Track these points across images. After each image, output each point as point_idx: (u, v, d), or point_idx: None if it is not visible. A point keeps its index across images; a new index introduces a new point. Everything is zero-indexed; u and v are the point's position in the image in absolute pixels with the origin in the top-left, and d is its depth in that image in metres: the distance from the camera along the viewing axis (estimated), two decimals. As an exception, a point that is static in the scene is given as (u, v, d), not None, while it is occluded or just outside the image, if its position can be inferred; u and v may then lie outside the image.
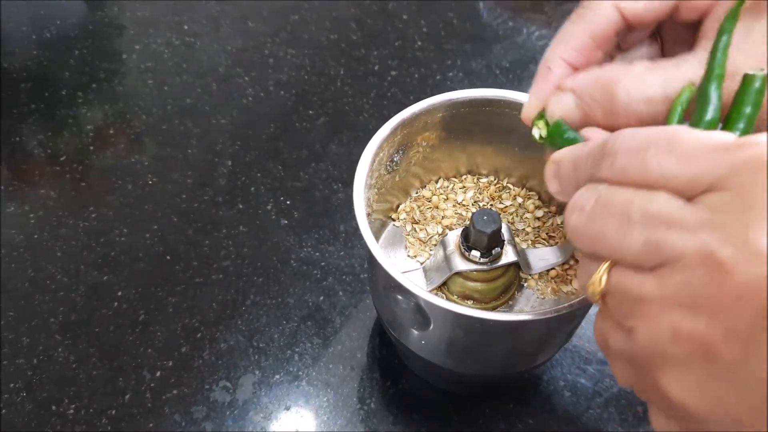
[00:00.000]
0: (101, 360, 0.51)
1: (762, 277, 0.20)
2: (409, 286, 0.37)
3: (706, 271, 0.21)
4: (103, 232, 0.58)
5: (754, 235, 0.20)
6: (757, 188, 0.21)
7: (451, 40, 0.74)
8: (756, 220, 0.21)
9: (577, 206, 0.26)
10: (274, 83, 0.69)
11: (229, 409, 0.49)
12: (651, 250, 0.23)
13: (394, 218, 0.50)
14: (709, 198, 0.22)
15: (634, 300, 0.24)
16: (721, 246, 0.21)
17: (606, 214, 0.24)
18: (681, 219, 0.22)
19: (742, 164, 0.22)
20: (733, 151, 0.22)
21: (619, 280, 0.24)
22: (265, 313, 0.54)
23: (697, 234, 0.22)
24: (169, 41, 0.73)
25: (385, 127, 0.43)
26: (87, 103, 0.67)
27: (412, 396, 0.51)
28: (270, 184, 0.61)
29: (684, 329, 0.22)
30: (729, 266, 0.21)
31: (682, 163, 0.23)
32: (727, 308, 0.21)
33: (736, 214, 0.21)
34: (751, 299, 0.20)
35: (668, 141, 0.23)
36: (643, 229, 0.23)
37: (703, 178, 0.22)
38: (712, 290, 0.21)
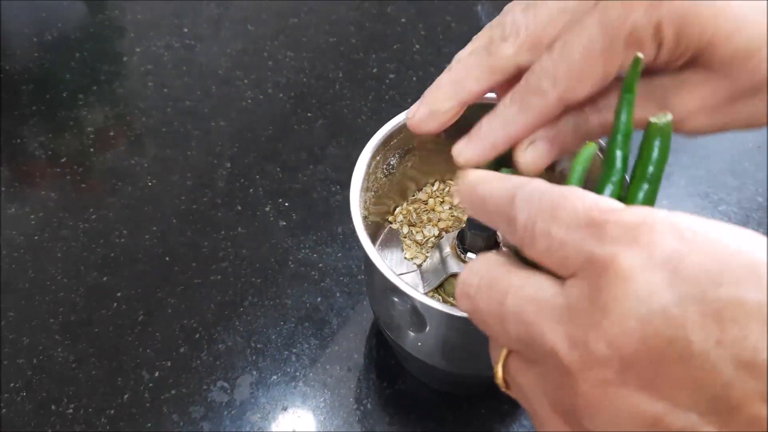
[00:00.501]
0: (100, 360, 0.52)
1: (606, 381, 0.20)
2: (405, 289, 0.37)
3: (561, 376, 0.21)
4: (103, 233, 0.59)
5: (593, 340, 0.20)
6: (600, 288, 0.20)
7: (450, 43, 0.74)
8: (596, 324, 0.20)
9: (462, 292, 0.25)
10: (273, 86, 0.70)
11: (227, 409, 0.50)
12: (525, 345, 0.23)
13: (390, 221, 0.51)
14: (569, 285, 0.21)
15: (526, 397, 0.24)
16: (568, 350, 0.21)
17: (486, 303, 0.24)
18: (547, 311, 0.22)
19: (594, 258, 0.21)
20: (592, 237, 0.21)
21: (513, 372, 0.24)
22: (262, 314, 0.54)
23: (555, 330, 0.21)
24: (169, 44, 0.74)
25: (382, 131, 0.44)
26: (88, 105, 0.68)
27: (409, 397, 0.51)
28: (269, 186, 0.62)
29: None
30: (575, 372, 0.20)
31: (558, 240, 0.22)
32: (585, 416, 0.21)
33: (583, 313, 0.20)
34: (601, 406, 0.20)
35: (552, 210, 0.22)
36: (516, 322, 0.23)
37: (572, 261, 0.22)
38: (570, 397, 0.21)
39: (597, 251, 0.21)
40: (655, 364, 0.19)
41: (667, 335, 0.19)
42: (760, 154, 0.64)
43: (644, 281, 0.19)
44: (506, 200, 0.25)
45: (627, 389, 0.19)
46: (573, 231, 0.22)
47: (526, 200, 0.24)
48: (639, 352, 0.19)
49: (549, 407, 0.23)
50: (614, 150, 0.27)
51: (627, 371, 0.19)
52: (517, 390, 0.25)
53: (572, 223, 0.22)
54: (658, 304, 0.19)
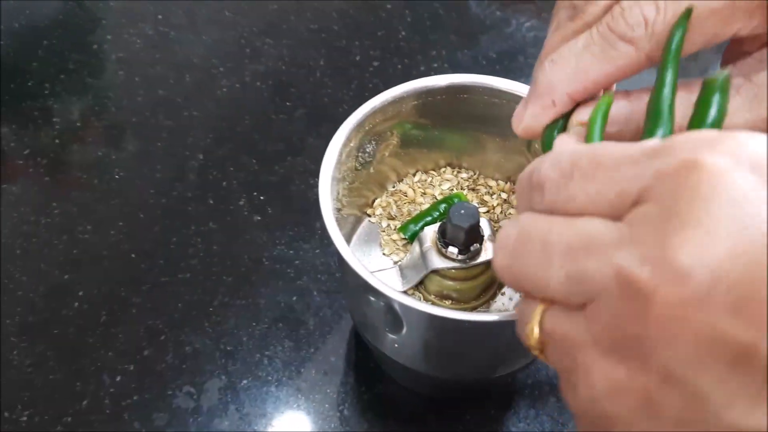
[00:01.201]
0: (59, 363, 0.48)
1: (685, 300, 0.17)
2: (379, 286, 0.34)
3: (627, 302, 0.18)
4: (66, 229, 0.55)
5: (671, 249, 0.17)
6: (678, 195, 0.18)
7: (437, 30, 0.71)
8: (674, 232, 0.17)
9: (501, 244, 0.23)
10: (251, 74, 0.66)
11: (193, 416, 0.46)
12: (574, 284, 0.20)
13: (369, 214, 0.48)
14: (632, 213, 0.19)
15: (569, 349, 0.21)
16: (637, 267, 0.18)
17: (526, 249, 0.21)
18: (602, 242, 0.19)
19: (663, 170, 0.18)
20: (656, 157, 0.19)
21: (552, 326, 0.21)
22: (233, 315, 0.51)
23: (615, 256, 0.18)
24: (142, 31, 0.70)
25: (354, 116, 0.41)
26: (55, 95, 0.64)
27: (389, 401, 0.48)
28: (243, 179, 0.58)
29: (618, 381, 0.19)
30: (648, 292, 0.17)
31: (607, 181, 0.20)
32: (656, 347, 0.17)
33: (655, 227, 0.18)
34: (683, 331, 0.17)
35: (591, 161, 0.20)
36: (564, 259, 0.20)
37: (628, 192, 0.19)
38: (636, 326, 0.18)
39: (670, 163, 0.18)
40: (751, 281, 0.16)
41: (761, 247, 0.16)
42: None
43: (736, 181, 0.17)
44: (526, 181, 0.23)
45: (714, 310, 0.16)
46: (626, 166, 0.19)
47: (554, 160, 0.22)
48: (733, 265, 0.16)
49: (599, 351, 0.19)
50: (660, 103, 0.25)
51: (716, 287, 0.16)
52: (557, 345, 0.21)
53: (624, 159, 0.20)
54: (755, 208, 0.16)
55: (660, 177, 0.18)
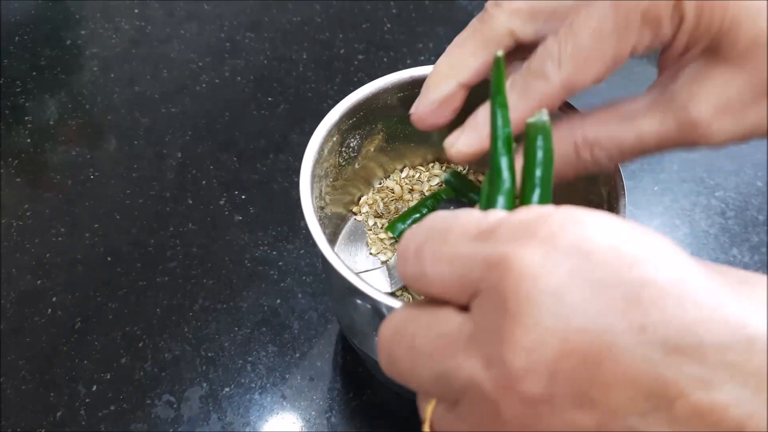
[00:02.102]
0: (31, 373, 0.46)
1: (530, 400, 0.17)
2: (365, 289, 0.32)
3: (482, 405, 0.18)
4: (38, 231, 0.53)
5: (507, 352, 0.17)
6: (504, 293, 0.18)
7: (423, 22, 0.69)
8: (506, 333, 0.17)
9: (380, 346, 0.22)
10: (231, 69, 0.64)
11: (173, 426, 0.44)
12: (442, 384, 0.20)
13: (355, 212, 0.46)
14: (475, 306, 0.19)
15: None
16: (482, 373, 0.18)
17: (399, 352, 0.21)
18: (457, 340, 0.19)
19: (489, 262, 0.18)
20: (486, 241, 0.19)
21: (438, 423, 0.21)
22: (214, 319, 0.49)
23: (468, 357, 0.19)
24: (118, 26, 0.68)
25: (336, 110, 0.39)
26: (27, 93, 0.62)
27: (378, 408, 0.46)
28: (223, 178, 0.56)
29: None
30: (495, 396, 0.18)
31: (450, 262, 0.20)
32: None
33: (491, 325, 0.18)
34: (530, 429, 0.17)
35: (440, 238, 0.20)
36: (429, 360, 0.20)
37: (469, 279, 0.19)
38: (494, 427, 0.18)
39: (492, 254, 0.18)
40: (581, 367, 0.17)
41: (588, 331, 0.17)
42: (758, 135, 0.59)
43: (551, 274, 0.17)
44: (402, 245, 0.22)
45: (556, 404, 0.17)
46: (464, 245, 0.19)
47: (414, 234, 0.21)
48: (562, 357, 0.17)
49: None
50: (497, 159, 0.25)
51: (553, 382, 0.17)
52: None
53: (462, 237, 0.20)
54: (571, 297, 0.17)
55: (488, 269, 0.18)
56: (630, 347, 0.16)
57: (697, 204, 0.55)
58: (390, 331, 0.22)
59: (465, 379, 0.19)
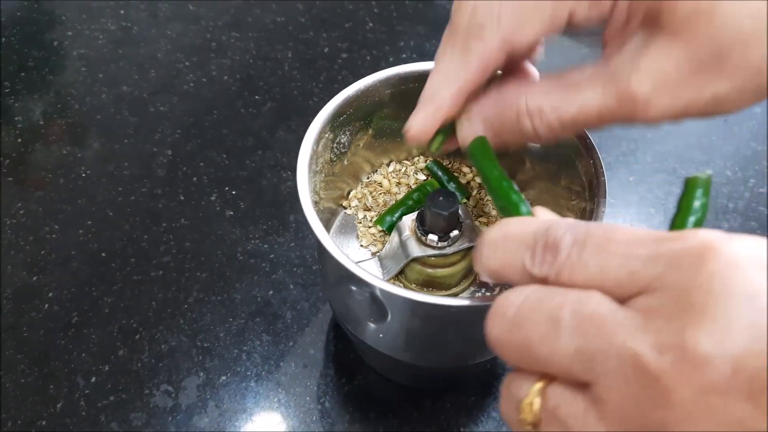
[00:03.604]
0: (30, 367, 0.47)
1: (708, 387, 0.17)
2: (363, 276, 0.34)
3: (645, 393, 0.18)
4: (32, 229, 0.54)
5: (691, 339, 0.17)
6: (693, 287, 0.18)
7: (404, 21, 0.71)
8: (692, 323, 0.18)
9: (499, 312, 0.22)
10: (217, 68, 0.65)
11: (171, 414, 0.45)
12: (583, 361, 0.20)
13: (345, 206, 0.47)
14: (641, 300, 0.19)
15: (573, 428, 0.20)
16: (657, 357, 0.18)
17: (533, 319, 0.21)
18: (615, 324, 0.19)
19: (676, 258, 0.19)
20: (668, 243, 0.19)
21: (556, 403, 0.21)
22: (209, 311, 0.50)
23: (631, 342, 0.19)
24: (104, 27, 0.69)
25: (328, 107, 0.40)
26: (15, 93, 0.63)
27: (370, 393, 0.48)
28: (213, 174, 0.57)
29: None
30: (669, 380, 0.18)
31: (619, 257, 0.20)
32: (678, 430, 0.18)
33: (670, 317, 0.18)
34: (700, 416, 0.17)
35: (605, 235, 0.21)
36: (575, 335, 0.20)
37: (638, 277, 0.20)
38: (657, 411, 0.18)
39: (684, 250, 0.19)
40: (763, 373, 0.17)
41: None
42: (727, 127, 0.62)
43: (749, 276, 0.18)
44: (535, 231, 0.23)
45: (734, 399, 0.17)
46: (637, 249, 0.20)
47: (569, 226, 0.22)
48: (751, 358, 0.17)
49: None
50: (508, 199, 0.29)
51: (737, 377, 0.17)
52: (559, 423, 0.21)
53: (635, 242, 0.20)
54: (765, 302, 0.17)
55: (674, 265, 0.19)
56: None
57: (671, 193, 0.57)
58: (519, 299, 0.22)
59: (622, 359, 0.19)
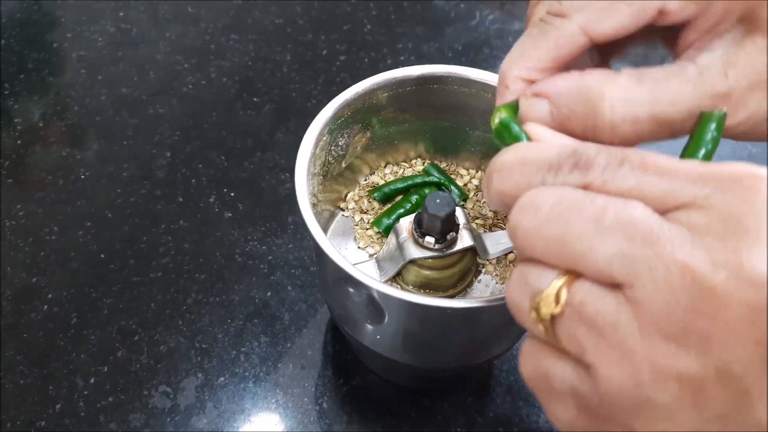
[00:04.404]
0: (29, 368, 0.47)
1: (758, 306, 0.18)
2: (361, 278, 0.34)
3: (695, 298, 0.18)
4: (31, 231, 0.54)
5: (747, 259, 0.18)
6: (744, 210, 0.19)
7: (402, 23, 0.71)
8: (750, 244, 0.18)
9: (533, 205, 0.22)
10: (216, 70, 0.66)
11: (170, 415, 0.46)
12: (625, 263, 0.20)
13: (343, 208, 0.48)
14: (684, 216, 0.20)
15: (601, 328, 0.20)
16: (711, 270, 0.18)
17: (572, 216, 0.21)
18: (661, 234, 0.19)
19: (724, 182, 0.20)
20: (713, 168, 0.20)
21: (583, 300, 0.20)
22: (208, 312, 0.50)
23: (680, 253, 0.19)
24: (103, 29, 0.69)
25: (327, 110, 0.40)
26: (14, 95, 0.63)
27: (367, 393, 0.48)
28: (212, 176, 0.58)
29: (669, 368, 0.19)
30: (722, 294, 0.18)
31: (658, 177, 0.21)
32: (722, 343, 0.18)
33: (725, 236, 0.19)
34: (749, 334, 0.18)
35: (641, 159, 0.21)
36: (618, 236, 0.20)
37: (681, 194, 0.20)
38: (702, 321, 0.18)
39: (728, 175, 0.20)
40: None
41: None
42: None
43: None
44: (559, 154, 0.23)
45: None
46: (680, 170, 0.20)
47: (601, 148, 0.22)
48: None
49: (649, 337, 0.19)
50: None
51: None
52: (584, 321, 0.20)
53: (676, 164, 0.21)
54: None
55: (722, 188, 0.19)
56: None
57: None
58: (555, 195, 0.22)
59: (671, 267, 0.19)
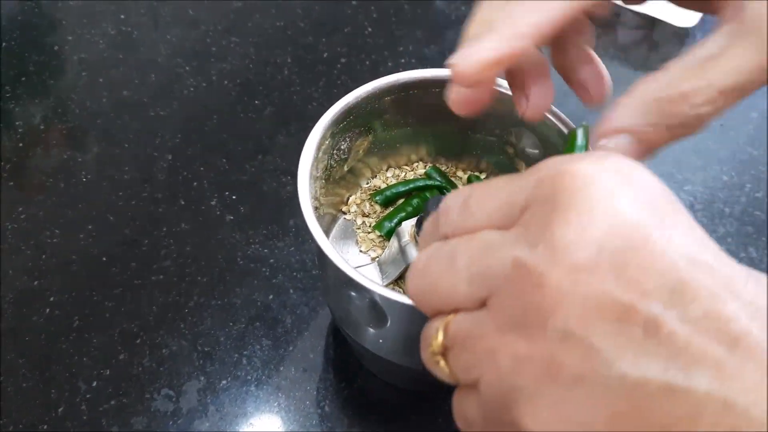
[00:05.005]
0: (31, 371, 0.47)
1: (574, 268, 0.19)
2: (363, 282, 0.34)
3: (524, 285, 0.20)
4: (33, 233, 0.54)
5: (557, 232, 0.20)
6: (556, 193, 0.20)
7: (403, 26, 0.71)
8: (557, 219, 0.20)
9: (413, 269, 0.25)
10: (217, 73, 0.66)
11: (173, 418, 0.46)
12: (478, 281, 0.22)
13: (345, 211, 0.48)
14: (521, 218, 0.22)
15: (472, 343, 0.22)
16: (528, 254, 0.20)
17: (435, 265, 0.24)
18: (500, 243, 0.22)
19: (545, 176, 0.21)
20: (532, 173, 0.22)
21: (455, 330, 0.23)
22: (210, 315, 0.50)
23: (511, 251, 0.21)
24: (104, 31, 0.69)
25: (329, 113, 0.40)
26: (15, 98, 0.63)
27: (369, 396, 0.48)
28: (214, 179, 0.58)
29: (522, 352, 0.20)
30: (539, 271, 0.20)
31: (497, 196, 0.23)
32: (554, 314, 0.19)
33: (540, 220, 0.20)
34: (574, 293, 0.19)
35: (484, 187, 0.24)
36: (468, 263, 0.22)
37: (517, 202, 0.22)
38: (534, 303, 0.20)
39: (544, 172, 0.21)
40: (623, 248, 0.19)
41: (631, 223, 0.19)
42: (723, 132, 0.62)
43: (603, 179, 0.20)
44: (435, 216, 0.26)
45: (600, 276, 0.19)
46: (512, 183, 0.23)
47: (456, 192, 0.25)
48: (611, 239, 0.19)
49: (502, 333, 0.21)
50: None
51: (600, 256, 0.19)
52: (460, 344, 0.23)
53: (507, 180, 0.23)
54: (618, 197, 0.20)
55: (538, 184, 0.21)
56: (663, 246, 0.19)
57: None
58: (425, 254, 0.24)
59: (507, 267, 0.21)
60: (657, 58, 0.68)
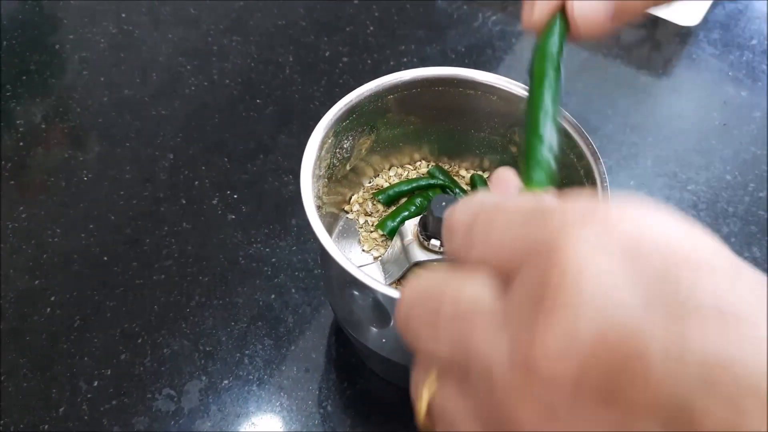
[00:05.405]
0: (32, 371, 0.47)
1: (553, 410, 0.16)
2: (366, 281, 0.34)
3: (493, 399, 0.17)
4: (34, 233, 0.54)
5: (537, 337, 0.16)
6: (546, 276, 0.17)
7: (405, 25, 0.71)
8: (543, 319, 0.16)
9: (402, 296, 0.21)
10: (219, 72, 0.66)
11: (174, 418, 0.46)
12: (458, 353, 0.19)
13: (347, 210, 0.47)
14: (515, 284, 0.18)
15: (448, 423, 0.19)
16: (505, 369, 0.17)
17: (422, 307, 0.20)
18: (485, 313, 0.18)
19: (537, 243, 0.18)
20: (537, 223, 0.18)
21: (440, 396, 0.20)
22: (211, 315, 0.50)
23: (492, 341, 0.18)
24: (105, 30, 0.69)
25: (332, 112, 0.40)
26: (17, 97, 0.63)
27: (371, 396, 0.48)
28: (215, 178, 0.58)
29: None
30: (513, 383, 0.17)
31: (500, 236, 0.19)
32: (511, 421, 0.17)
33: (527, 315, 0.17)
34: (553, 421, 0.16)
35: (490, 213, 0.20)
36: (451, 325, 0.19)
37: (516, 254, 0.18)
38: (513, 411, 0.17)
39: (541, 239, 0.17)
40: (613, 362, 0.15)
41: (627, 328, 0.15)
42: (726, 132, 0.62)
43: (597, 267, 0.16)
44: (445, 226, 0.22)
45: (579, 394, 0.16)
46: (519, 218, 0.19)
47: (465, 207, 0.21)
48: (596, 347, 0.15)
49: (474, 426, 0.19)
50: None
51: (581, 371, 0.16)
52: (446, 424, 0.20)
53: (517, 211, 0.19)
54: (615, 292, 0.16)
55: (534, 253, 0.18)
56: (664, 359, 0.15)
57: (671, 197, 0.58)
58: (414, 292, 0.21)
59: (485, 355, 0.18)
60: (659, 58, 0.68)
